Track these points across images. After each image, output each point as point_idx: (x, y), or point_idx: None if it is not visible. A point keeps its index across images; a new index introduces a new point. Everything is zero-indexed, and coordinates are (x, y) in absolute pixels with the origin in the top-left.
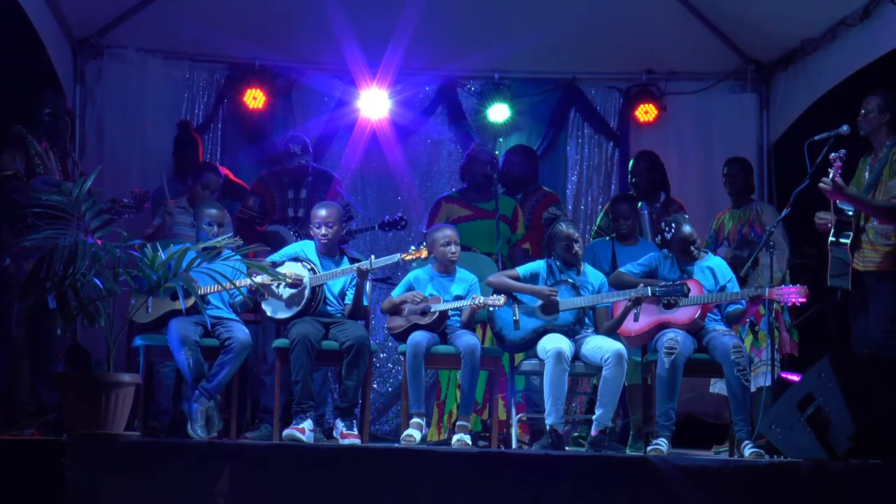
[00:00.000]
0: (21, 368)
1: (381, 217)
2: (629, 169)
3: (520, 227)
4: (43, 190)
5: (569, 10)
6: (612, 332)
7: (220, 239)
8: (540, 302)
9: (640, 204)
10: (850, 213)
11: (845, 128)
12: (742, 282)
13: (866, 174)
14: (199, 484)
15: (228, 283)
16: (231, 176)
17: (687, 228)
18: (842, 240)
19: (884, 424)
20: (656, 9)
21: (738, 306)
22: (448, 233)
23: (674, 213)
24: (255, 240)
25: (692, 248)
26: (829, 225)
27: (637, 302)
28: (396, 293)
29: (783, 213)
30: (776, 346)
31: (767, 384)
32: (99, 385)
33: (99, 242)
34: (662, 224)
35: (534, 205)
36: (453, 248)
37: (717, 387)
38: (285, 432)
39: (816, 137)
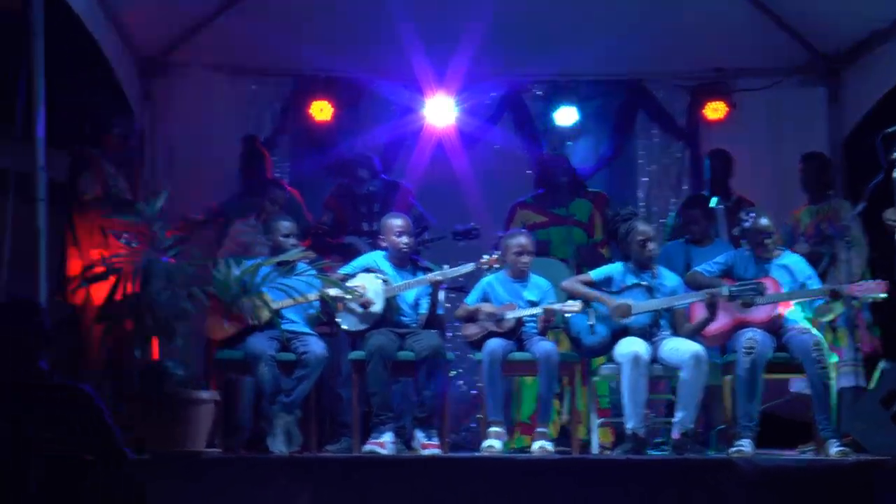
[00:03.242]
0: (103, 390)
1: (448, 225)
2: (706, 166)
3: (597, 231)
4: (117, 211)
5: (633, 10)
6: (692, 336)
7: (293, 252)
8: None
9: (715, 199)
10: None
11: None
12: (821, 279)
13: None
14: (281, 498)
15: (300, 297)
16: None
17: (765, 220)
18: None
19: None
20: (722, 5)
21: (822, 301)
22: (522, 240)
23: (745, 208)
24: (331, 252)
25: (766, 240)
26: None
27: (712, 303)
28: (471, 300)
29: (858, 209)
30: (857, 344)
31: (850, 384)
32: (177, 403)
33: (172, 261)
34: (741, 213)
35: None
36: (525, 258)
37: (797, 385)
38: (364, 447)
39: (889, 130)
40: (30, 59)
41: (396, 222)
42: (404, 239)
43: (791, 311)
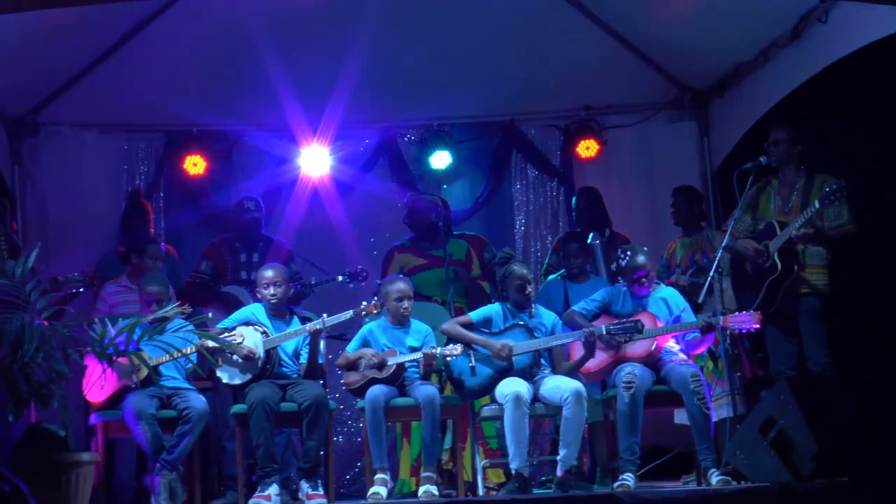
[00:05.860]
0: None
1: (326, 274)
2: (572, 206)
3: (475, 268)
4: None
5: (502, 52)
6: (571, 374)
7: (167, 309)
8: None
9: (591, 235)
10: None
11: (764, 158)
12: (699, 308)
13: (774, 202)
14: None
15: (177, 352)
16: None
17: (641, 259)
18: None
19: (846, 442)
20: (590, 44)
21: (696, 334)
22: (401, 286)
23: (622, 246)
24: (211, 301)
25: (642, 277)
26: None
27: (591, 342)
28: (351, 348)
29: (725, 242)
30: (738, 373)
31: (730, 415)
32: (58, 466)
33: (46, 323)
34: (619, 251)
35: None
36: (406, 303)
37: (680, 416)
38: (250, 501)
39: (744, 167)
40: None
41: (265, 274)
42: (271, 290)
43: (669, 343)
